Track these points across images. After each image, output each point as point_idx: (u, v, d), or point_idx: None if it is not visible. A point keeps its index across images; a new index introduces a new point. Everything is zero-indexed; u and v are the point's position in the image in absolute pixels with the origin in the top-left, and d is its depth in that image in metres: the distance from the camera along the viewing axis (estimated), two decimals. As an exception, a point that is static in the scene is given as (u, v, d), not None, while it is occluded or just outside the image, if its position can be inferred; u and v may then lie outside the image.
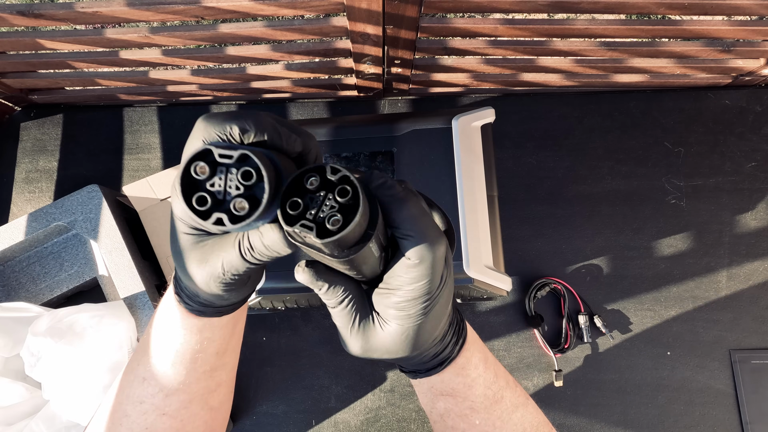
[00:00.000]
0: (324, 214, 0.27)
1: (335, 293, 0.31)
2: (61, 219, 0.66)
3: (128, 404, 0.39)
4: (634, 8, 0.57)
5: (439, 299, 0.31)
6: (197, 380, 0.39)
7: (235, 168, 0.27)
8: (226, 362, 0.41)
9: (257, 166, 0.26)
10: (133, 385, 0.39)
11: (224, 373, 0.42)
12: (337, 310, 0.32)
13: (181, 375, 0.38)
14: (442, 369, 0.37)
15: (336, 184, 0.27)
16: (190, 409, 0.40)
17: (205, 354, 0.39)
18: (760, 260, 0.75)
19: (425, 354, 0.36)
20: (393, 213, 0.29)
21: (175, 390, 0.39)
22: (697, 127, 0.79)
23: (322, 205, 0.27)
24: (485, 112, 0.64)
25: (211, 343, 0.38)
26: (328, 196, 0.27)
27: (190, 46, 0.65)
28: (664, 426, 0.72)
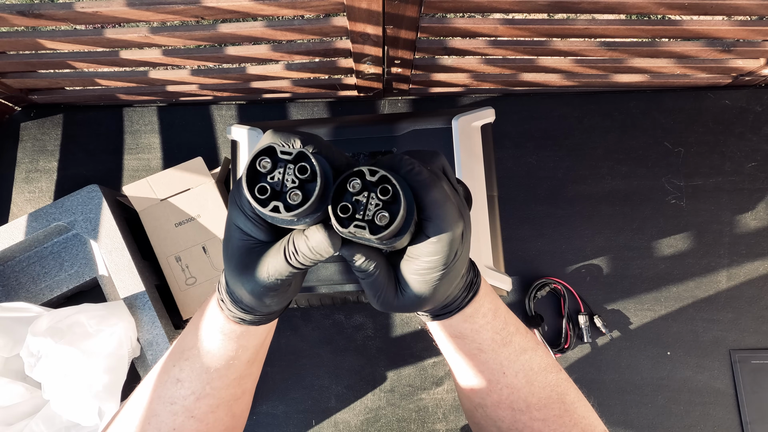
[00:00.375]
0: (371, 212, 0.32)
1: (369, 265, 0.34)
2: (61, 219, 0.66)
3: (159, 404, 0.40)
4: (634, 8, 0.57)
5: (452, 269, 0.35)
6: (227, 386, 0.41)
7: (292, 164, 0.32)
8: (252, 372, 0.43)
9: (312, 163, 0.31)
10: (166, 385, 0.41)
11: (249, 382, 0.44)
12: (368, 280, 0.35)
13: (214, 380, 0.40)
14: (450, 316, 0.40)
15: (376, 183, 0.32)
16: (217, 413, 0.41)
17: (238, 361, 0.41)
18: (760, 260, 0.75)
19: (436, 307, 0.40)
20: (419, 197, 0.33)
21: (207, 394, 0.40)
22: (697, 127, 0.79)
23: (367, 205, 0.32)
24: (485, 112, 0.64)
25: (245, 351, 0.41)
26: (371, 195, 0.32)
27: (190, 46, 0.65)
28: (664, 426, 0.72)
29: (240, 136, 0.64)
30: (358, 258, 0.34)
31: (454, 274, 0.36)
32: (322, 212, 0.32)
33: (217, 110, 0.81)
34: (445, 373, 0.73)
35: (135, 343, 0.64)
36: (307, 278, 0.59)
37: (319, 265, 0.59)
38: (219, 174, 0.74)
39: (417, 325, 0.74)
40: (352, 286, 0.60)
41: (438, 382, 0.73)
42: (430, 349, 0.74)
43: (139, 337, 0.64)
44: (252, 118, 0.81)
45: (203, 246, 0.71)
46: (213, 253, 0.71)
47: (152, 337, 0.64)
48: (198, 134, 0.80)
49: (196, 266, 0.71)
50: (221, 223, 0.71)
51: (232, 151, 0.65)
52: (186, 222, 0.71)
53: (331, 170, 0.33)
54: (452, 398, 0.73)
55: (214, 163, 0.78)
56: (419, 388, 0.73)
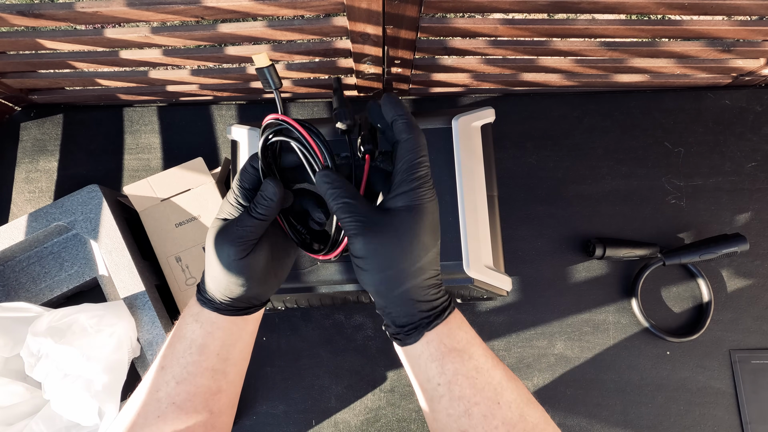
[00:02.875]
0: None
1: (338, 180, 0.41)
2: (61, 219, 0.66)
3: (148, 394, 0.43)
4: (634, 8, 0.57)
5: (428, 183, 0.40)
6: (201, 374, 0.43)
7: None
8: (226, 370, 0.45)
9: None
10: (152, 374, 0.43)
11: (224, 381, 0.45)
12: (342, 192, 0.40)
13: (189, 365, 0.43)
14: (447, 316, 0.41)
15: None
16: (194, 402, 0.43)
17: (208, 350, 0.43)
18: (760, 260, 0.76)
19: (422, 291, 0.40)
20: (396, 130, 0.41)
21: (183, 379, 0.43)
22: (697, 127, 0.79)
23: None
24: (485, 112, 0.64)
25: (213, 340, 0.44)
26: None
27: (190, 46, 0.65)
28: (664, 426, 0.72)
29: (240, 136, 0.64)
30: (329, 178, 0.40)
31: (431, 207, 0.40)
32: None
33: (217, 110, 0.81)
34: (445, 373, 0.73)
35: (135, 343, 0.64)
36: (308, 278, 0.59)
37: (319, 264, 0.59)
38: (219, 174, 0.74)
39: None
40: (352, 286, 0.60)
41: (438, 382, 0.73)
42: (430, 349, 0.74)
43: (139, 337, 0.64)
44: (252, 118, 0.81)
45: (203, 246, 0.71)
46: (213, 253, 0.71)
47: (152, 337, 0.64)
48: (198, 134, 0.80)
49: (196, 266, 0.71)
50: (221, 223, 0.71)
51: (232, 151, 0.65)
52: (186, 222, 0.71)
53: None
54: (452, 398, 0.73)
55: (214, 163, 0.78)
56: (419, 388, 0.73)
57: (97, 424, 0.58)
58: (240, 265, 0.41)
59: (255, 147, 0.63)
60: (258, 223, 0.41)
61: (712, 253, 0.72)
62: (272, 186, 0.41)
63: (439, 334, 0.40)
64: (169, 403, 0.42)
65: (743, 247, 0.71)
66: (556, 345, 0.74)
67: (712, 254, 0.72)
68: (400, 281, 0.39)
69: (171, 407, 0.42)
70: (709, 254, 0.72)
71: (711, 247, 0.72)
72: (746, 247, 0.71)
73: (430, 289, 0.40)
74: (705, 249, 0.72)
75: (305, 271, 0.60)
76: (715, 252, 0.72)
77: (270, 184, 0.41)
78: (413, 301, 0.40)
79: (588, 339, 0.74)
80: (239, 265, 0.41)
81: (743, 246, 0.71)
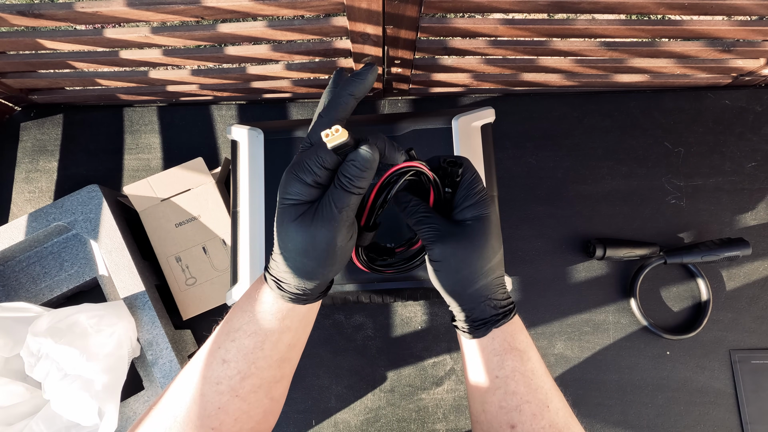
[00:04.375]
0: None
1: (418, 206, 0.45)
2: (61, 219, 0.66)
3: (206, 384, 0.42)
4: (634, 8, 0.57)
5: (487, 197, 0.45)
6: (270, 367, 0.44)
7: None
8: (291, 357, 0.46)
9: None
10: (212, 366, 0.43)
11: (288, 368, 0.46)
12: (420, 208, 0.45)
13: (258, 359, 0.43)
14: (512, 317, 0.45)
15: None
16: (258, 394, 0.44)
17: (281, 343, 0.44)
18: (760, 260, 0.75)
19: (492, 288, 0.45)
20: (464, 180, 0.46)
21: (251, 374, 0.43)
22: (697, 127, 0.79)
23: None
24: (485, 112, 0.64)
25: (287, 333, 0.44)
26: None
27: (190, 46, 0.65)
28: (664, 426, 0.72)
29: (240, 136, 0.64)
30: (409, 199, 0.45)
31: (495, 218, 0.44)
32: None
33: (217, 110, 0.81)
34: (445, 373, 0.73)
35: (135, 343, 0.64)
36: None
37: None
38: (219, 174, 0.74)
39: (417, 325, 0.74)
40: (353, 286, 0.60)
41: (438, 382, 0.73)
42: (430, 349, 0.74)
43: (139, 337, 0.64)
44: (252, 118, 0.81)
45: (203, 246, 0.71)
46: (213, 254, 0.71)
47: (152, 337, 0.64)
48: (198, 134, 0.80)
49: (196, 266, 0.71)
50: (221, 223, 0.71)
51: (232, 151, 0.65)
52: (186, 222, 0.71)
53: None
54: (452, 398, 0.73)
55: (214, 163, 0.78)
56: (419, 388, 0.73)
57: (97, 424, 0.58)
58: (340, 250, 0.40)
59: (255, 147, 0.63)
60: (357, 199, 0.39)
61: (714, 255, 0.72)
62: (369, 153, 0.38)
63: (504, 332, 0.45)
64: (232, 396, 0.42)
65: (746, 252, 0.71)
66: (556, 345, 0.74)
67: (714, 256, 0.72)
68: (474, 280, 0.44)
69: (234, 399, 0.42)
70: (711, 256, 0.72)
71: (713, 250, 0.72)
72: (749, 252, 0.71)
73: (499, 287, 0.45)
74: (707, 251, 0.72)
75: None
76: (718, 254, 0.72)
77: (367, 152, 0.38)
78: (485, 297, 0.45)
79: (588, 339, 0.74)
80: (339, 250, 0.40)
81: (746, 250, 0.71)
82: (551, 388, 0.45)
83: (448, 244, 0.43)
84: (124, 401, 0.66)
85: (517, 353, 0.45)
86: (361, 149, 0.38)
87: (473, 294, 0.44)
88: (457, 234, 0.43)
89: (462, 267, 0.43)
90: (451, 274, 0.44)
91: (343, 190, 0.38)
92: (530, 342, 0.47)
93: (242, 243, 0.61)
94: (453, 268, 0.44)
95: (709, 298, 0.73)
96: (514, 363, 0.44)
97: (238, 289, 0.60)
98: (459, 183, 0.46)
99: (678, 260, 0.73)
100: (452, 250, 0.43)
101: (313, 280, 0.42)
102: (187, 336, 0.71)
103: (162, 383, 0.63)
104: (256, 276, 0.60)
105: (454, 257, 0.43)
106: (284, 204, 0.40)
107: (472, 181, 0.45)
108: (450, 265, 0.43)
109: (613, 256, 0.73)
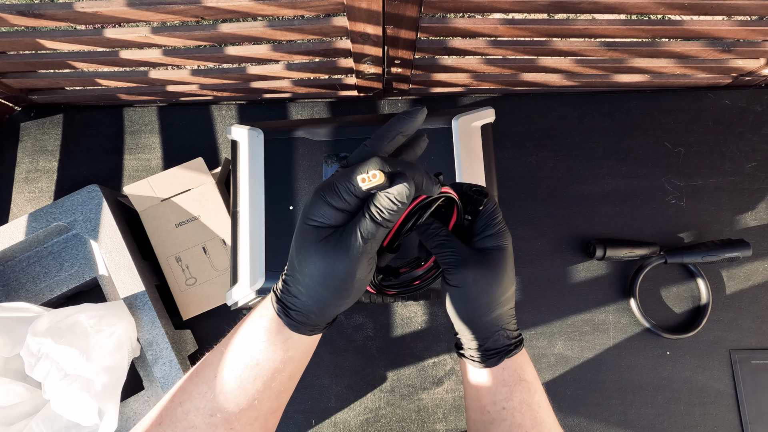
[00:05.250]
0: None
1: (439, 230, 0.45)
2: (61, 219, 0.66)
3: (197, 415, 0.39)
4: (634, 8, 0.57)
5: (506, 228, 0.46)
6: (268, 399, 0.41)
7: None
8: (290, 387, 0.43)
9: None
10: (206, 396, 0.40)
11: (285, 398, 0.44)
12: (444, 236, 0.45)
13: (258, 392, 0.40)
14: (522, 347, 0.46)
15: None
16: (254, 426, 0.41)
17: (282, 375, 0.41)
18: (760, 260, 0.75)
19: (506, 318, 0.45)
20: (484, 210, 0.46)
21: (249, 406, 0.40)
22: (697, 127, 0.79)
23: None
24: (485, 112, 0.64)
25: (290, 364, 0.41)
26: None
27: (190, 46, 0.65)
28: (664, 426, 0.72)
29: (240, 136, 0.64)
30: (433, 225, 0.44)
31: (510, 254, 0.45)
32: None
33: (217, 110, 0.81)
34: (445, 373, 0.73)
35: (135, 343, 0.64)
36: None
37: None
38: (219, 174, 0.74)
39: (417, 325, 0.74)
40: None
41: (438, 382, 0.73)
42: (430, 349, 0.74)
43: (139, 337, 0.64)
44: (252, 118, 0.81)
45: (203, 246, 0.71)
46: (213, 254, 0.71)
47: (152, 337, 0.64)
48: (198, 134, 0.80)
49: (196, 266, 0.71)
50: (221, 223, 0.71)
51: (233, 151, 0.65)
52: (186, 222, 0.71)
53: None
54: (452, 398, 0.73)
55: (214, 163, 0.78)
56: (419, 388, 0.73)
57: (97, 424, 0.58)
58: (357, 282, 0.38)
59: (255, 147, 0.63)
60: (384, 232, 0.37)
61: (714, 256, 0.72)
62: (407, 189, 0.36)
63: (514, 362, 0.45)
64: (227, 428, 0.40)
65: (746, 253, 0.71)
66: (556, 345, 0.74)
67: (715, 257, 0.72)
68: (491, 308, 0.44)
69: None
70: (711, 257, 0.72)
71: (714, 250, 0.72)
72: (749, 253, 0.71)
73: (512, 318, 0.46)
74: (708, 251, 0.72)
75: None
76: (718, 255, 0.72)
77: (406, 188, 0.36)
78: (499, 327, 0.45)
79: (588, 339, 0.74)
80: (357, 282, 0.38)
81: (746, 252, 0.71)
82: (554, 422, 0.46)
83: (469, 271, 0.43)
84: (124, 401, 0.66)
85: (526, 385, 0.45)
86: (400, 185, 0.36)
87: (488, 323, 0.44)
88: (478, 261, 0.44)
89: (481, 295, 0.43)
90: (469, 300, 0.44)
91: (372, 221, 0.36)
92: (536, 374, 0.47)
93: (242, 243, 0.61)
94: (472, 295, 0.43)
95: (709, 298, 0.73)
96: (522, 395, 0.45)
97: (238, 289, 0.60)
98: (480, 212, 0.46)
99: (678, 260, 0.73)
100: (473, 277, 0.43)
101: (324, 311, 0.39)
102: (187, 336, 0.71)
103: (162, 383, 0.63)
104: (256, 276, 0.60)
105: (475, 284, 0.43)
106: (307, 225, 0.38)
107: (494, 211, 0.46)
108: (469, 291, 0.43)
109: (613, 256, 0.72)
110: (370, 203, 0.37)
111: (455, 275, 0.43)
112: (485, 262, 0.44)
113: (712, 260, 0.72)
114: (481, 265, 0.43)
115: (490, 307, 0.44)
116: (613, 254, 0.72)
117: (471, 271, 0.43)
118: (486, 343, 0.45)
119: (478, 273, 0.43)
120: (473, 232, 0.46)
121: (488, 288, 0.43)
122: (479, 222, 0.46)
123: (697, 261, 0.72)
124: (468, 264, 0.43)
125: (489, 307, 0.44)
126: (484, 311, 0.44)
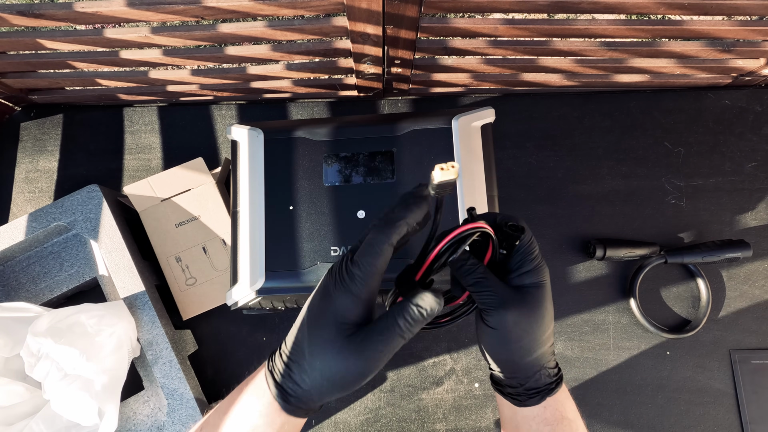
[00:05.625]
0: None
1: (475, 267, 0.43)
2: (61, 219, 0.66)
3: None
4: (634, 8, 0.57)
5: (543, 262, 0.44)
6: None
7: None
8: None
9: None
10: None
11: None
12: (480, 275, 0.43)
13: None
14: (561, 385, 0.45)
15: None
16: None
17: None
18: (760, 260, 0.75)
19: (547, 357, 0.44)
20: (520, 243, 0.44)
21: None
22: (697, 127, 0.79)
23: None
24: (485, 112, 0.64)
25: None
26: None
27: (190, 46, 0.65)
28: (664, 426, 0.72)
29: (240, 136, 0.64)
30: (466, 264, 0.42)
31: (548, 290, 0.43)
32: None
33: (217, 110, 0.81)
34: (445, 373, 0.73)
35: (135, 343, 0.64)
36: (308, 278, 0.59)
37: (319, 264, 0.59)
38: (219, 174, 0.74)
39: (417, 325, 0.74)
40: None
41: (438, 382, 0.73)
42: (430, 349, 0.74)
43: (139, 337, 0.64)
44: (252, 118, 0.81)
45: (203, 246, 0.71)
46: (213, 254, 0.71)
47: (152, 337, 0.64)
48: (198, 134, 0.80)
49: (196, 267, 0.71)
50: (221, 223, 0.71)
51: (233, 152, 0.65)
52: (186, 222, 0.71)
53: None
54: (452, 398, 0.73)
55: (214, 163, 0.78)
56: (419, 388, 0.73)
57: (97, 424, 0.58)
58: (367, 376, 0.37)
59: (255, 147, 0.63)
60: (402, 343, 0.37)
61: (715, 256, 0.72)
62: (438, 305, 0.36)
63: (556, 401, 0.44)
64: None
65: (746, 254, 0.71)
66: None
67: (715, 257, 0.72)
68: (533, 349, 0.43)
69: None
70: (711, 257, 0.72)
71: (714, 251, 0.72)
72: (749, 254, 0.71)
73: (552, 356, 0.45)
74: (708, 251, 0.72)
75: (305, 271, 0.60)
76: (719, 255, 0.72)
77: (438, 304, 0.36)
78: (541, 366, 0.44)
79: (588, 339, 0.74)
80: (367, 380, 0.37)
81: (747, 252, 0.71)
82: None
83: (509, 312, 0.41)
84: (124, 401, 0.66)
85: (568, 423, 0.44)
86: (431, 299, 0.36)
87: (529, 363, 0.43)
88: (518, 301, 0.42)
89: (522, 336, 0.42)
90: (509, 342, 0.42)
91: (398, 335, 0.36)
92: (577, 410, 0.46)
93: (242, 243, 0.61)
94: (512, 337, 0.42)
95: (709, 298, 0.73)
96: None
97: (238, 289, 0.60)
98: (516, 246, 0.44)
99: (678, 260, 0.73)
100: (514, 319, 0.41)
101: (324, 399, 0.38)
102: (187, 336, 0.71)
103: (162, 383, 0.63)
104: (256, 276, 0.60)
105: (515, 326, 0.41)
106: (329, 317, 0.37)
107: (530, 246, 0.44)
108: (510, 333, 0.42)
109: (613, 256, 0.72)
110: (398, 316, 0.36)
111: (494, 316, 0.42)
112: (525, 303, 0.42)
113: (712, 260, 0.72)
114: (522, 305, 0.42)
115: (533, 348, 0.42)
116: (613, 254, 0.72)
117: (511, 312, 0.41)
118: (527, 382, 0.44)
119: (519, 314, 0.41)
120: (509, 268, 0.44)
121: (529, 329, 0.42)
122: (515, 257, 0.44)
123: (698, 261, 0.72)
124: (507, 305, 0.41)
125: (530, 349, 0.42)
126: (525, 353, 0.42)
